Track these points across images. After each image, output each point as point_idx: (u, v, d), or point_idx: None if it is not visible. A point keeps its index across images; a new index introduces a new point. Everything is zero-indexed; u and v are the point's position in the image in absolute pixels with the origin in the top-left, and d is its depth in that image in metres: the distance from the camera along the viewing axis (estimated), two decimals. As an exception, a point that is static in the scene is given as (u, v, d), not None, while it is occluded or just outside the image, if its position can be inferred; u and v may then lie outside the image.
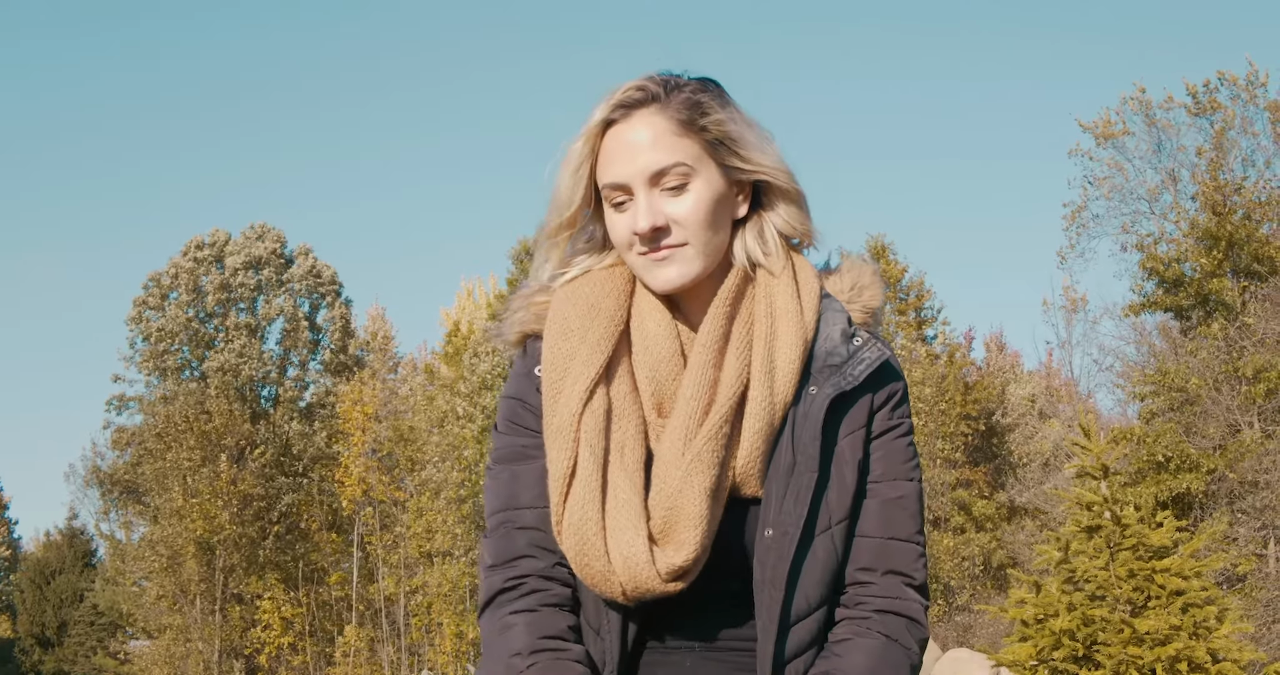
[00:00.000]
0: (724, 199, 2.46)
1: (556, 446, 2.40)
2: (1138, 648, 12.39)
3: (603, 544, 2.34)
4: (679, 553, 2.32)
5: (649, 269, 2.45)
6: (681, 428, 2.38)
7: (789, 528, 2.39)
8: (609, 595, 2.36)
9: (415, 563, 43.44)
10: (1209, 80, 33.45)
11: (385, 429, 43.50)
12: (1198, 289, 32.11)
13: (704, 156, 2.44)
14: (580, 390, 2.41)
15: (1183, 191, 33.81)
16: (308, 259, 51.83)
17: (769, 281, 2.51)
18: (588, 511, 2.34)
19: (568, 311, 2.50)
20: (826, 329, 2.49)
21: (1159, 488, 27.95)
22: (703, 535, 2.33)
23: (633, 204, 2.44)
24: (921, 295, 43.06)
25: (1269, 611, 25.51)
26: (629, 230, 2.44)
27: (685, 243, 2.42)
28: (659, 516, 2.34)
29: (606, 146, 2.46)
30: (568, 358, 2.45)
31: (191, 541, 43.56)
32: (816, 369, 2.46)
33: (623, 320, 2.49)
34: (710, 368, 2.42)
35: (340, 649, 44.06)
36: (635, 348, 2.48)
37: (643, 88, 2.46)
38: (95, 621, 55.64)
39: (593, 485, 2.36)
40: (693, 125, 2.43)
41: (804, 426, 2.43)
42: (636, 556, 2.31)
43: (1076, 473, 14.07)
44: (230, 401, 46.49)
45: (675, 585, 2.34)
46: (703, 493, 2.33)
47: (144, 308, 50.09)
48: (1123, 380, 34.45)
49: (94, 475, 53.52)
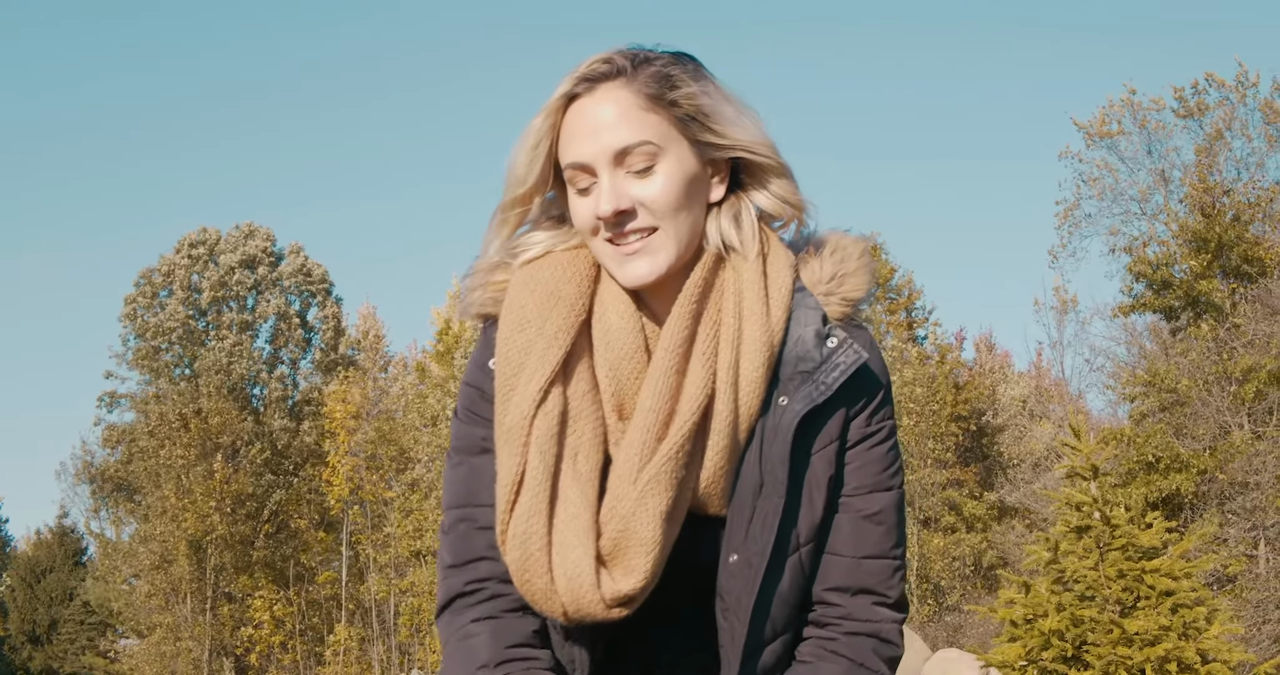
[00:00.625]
0: (697, 180, 2.28)
1: (506, 450, 2.23)
2: (1127, 648, 12.40)
3: (546, 560, 2.18)
4: (627, 579, 2.17)
5: (616, 261, 2.27)
6: (639, 443, 2.21)
7: (753, 557, 2.26)
8: (549, 614, 2.21)
9: (405, 562, 43.41)
10: (1196, 82, 33.51)
11: (370, 429, 43.45)
12: (1187, 290, 32.16)
13: (674, 133, 2.26)
14: (534, 390, 2.22)
15: (1173, 193, 33.87)
16: (298, 257, 51.84)
17: (738, 274, 2.31)
18: (533, 524, 2.18)
19: (525, 299, 2.31)
20: (798, 329, 2.30)
21: (1149, 488, 28.01)
22: (654, 562, 2.18)
23: (597, 186, 2.26)
24: (912, 295, 43.10)
25: (1259, 612, 25.55)
26: (592, 214, 2.26)
27: (654, 227, 2.25)
28: (610, 535, 2.19)
29: (568, 123, 2.28)
30: (523, 352, 2.27)
31: (183, 540, 43.53)
32: (786, 375, 2.28)
33: (584, 309, 2.30)
34: (673, 374, 2.23)
35: (330, 648, 44.03)
36: (596, 342, 2.29)
37: (609, 60, 2.28)
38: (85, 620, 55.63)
39: (541, 495, 2.19)
40: (661, 99, 2.25)
41: (773, 444, 2.26)
42: (581, 577, 2.15)
43: (1066, 473, 14.09)
44: (225, 400, 46.46)
45: (618, 612, 2.19)
46: (657, 516, 2.17)
47: (136, 304, 50.07)
48: (1113, 381, 34.49)
49: (85, 473, 53.46)
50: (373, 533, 43.87)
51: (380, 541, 43.70)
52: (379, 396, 45.75)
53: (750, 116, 2.33)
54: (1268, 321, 29.52)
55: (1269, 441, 28.48)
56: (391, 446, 42.96)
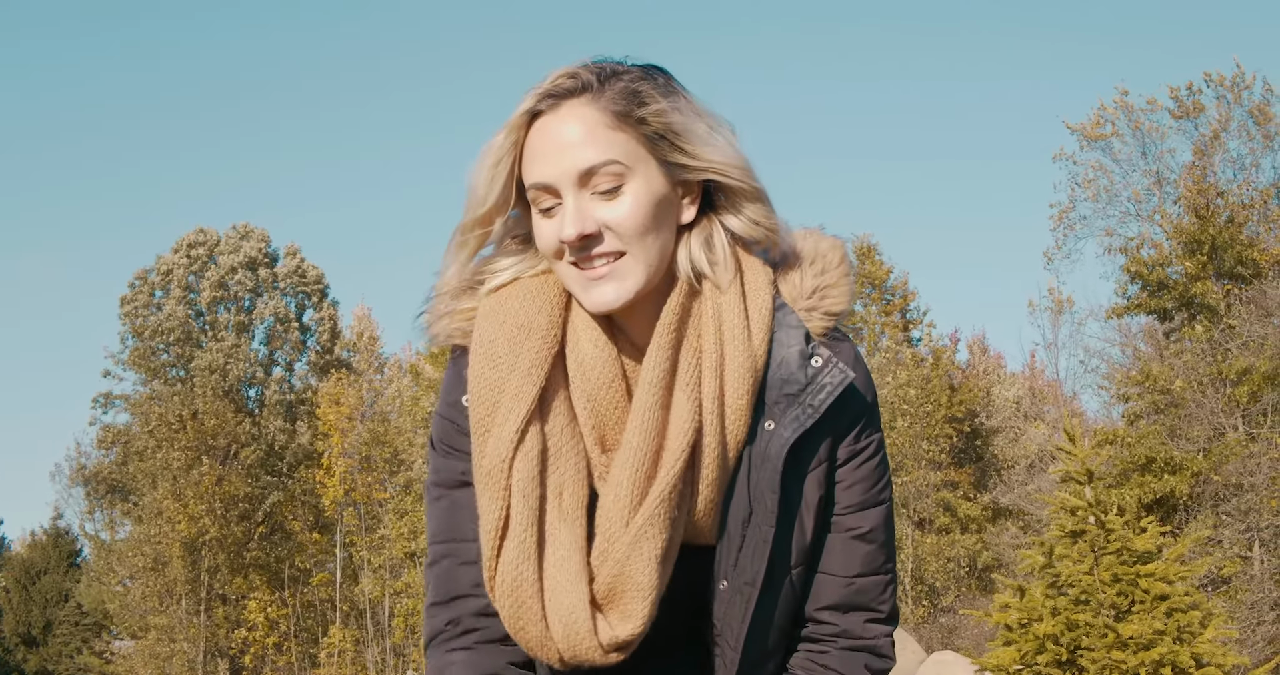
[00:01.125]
0: (666, 202, 2.18)
1: (486, 494, 2.15)
2: (1121, 652, 12.41)
3: (540, 607, 2.12)
4: (624, 624, 2.13)
5: (582, 286, 2.17)
6: (628, 483, 2.13)
7: (744, 585, 2.22)
8: (546, 661, 2.16)
9: (399, 563, 43.42)
10: (1192, 83, 33.57)
11: (364, 430, 43.45)
12: (1182, 292, 32.19)
13: (642, 153, 2.15)
14: (510, 431, 2.14)
15: (1168, 195, 33.92)
16: (294, 259, 51.84)
17: (716, 298, 2.22)
18: (523, 571, 2.12)
19: (495, 334, 2.21)
20: (780, 351, 2.22)
21: (1143, 490, 28.04)
22: (651, 606, 2.13)
23: (561, 208, 2.16)
24: (907, 296, 43.12)
25: (1254, 613, 25.59)
26: (555, 237, 2.16)
27: (621, 252, 2.14)
28: (604, 579, 2.13)
29: (531, 141, 2.18)
30: (496, 389, 2.18)
31: (177, 542, 43.52)
32: (771, 400, 2.21)
33: (556, 340, 2.20)
34: (658, 408, 2.15)
35: (325, 649, 44.02)
36: (571, 373, 2.20)
37: (575, 75, 2.18)
38: (80, 621, 55.54)
39: (528, 540, 2.13)
40: (629, 117, 2.14)
41: (761, 472, 2.19)
42: (577, 624, 2.10)
43: (1061, 477, 14.10)
44: (220, 401, 46.45)
45: (615, 656, 2.14)
46: (653, 560, 2.12)
47: (135, 305, 50.07)
48: (1107, 382, 34.53)
49: (79, 474, 53.41)
50: (367, 534, 43.87)
51: (374, 543, 43.70)
52: (373, 398, 45.75)
53: (724, 135, 2.22)
54: (1262, 323, 29.57)
55: (1263, 443, 28.51)
56: (386, 448, 42.96)
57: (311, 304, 51.81)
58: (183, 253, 50.61)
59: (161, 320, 49.57)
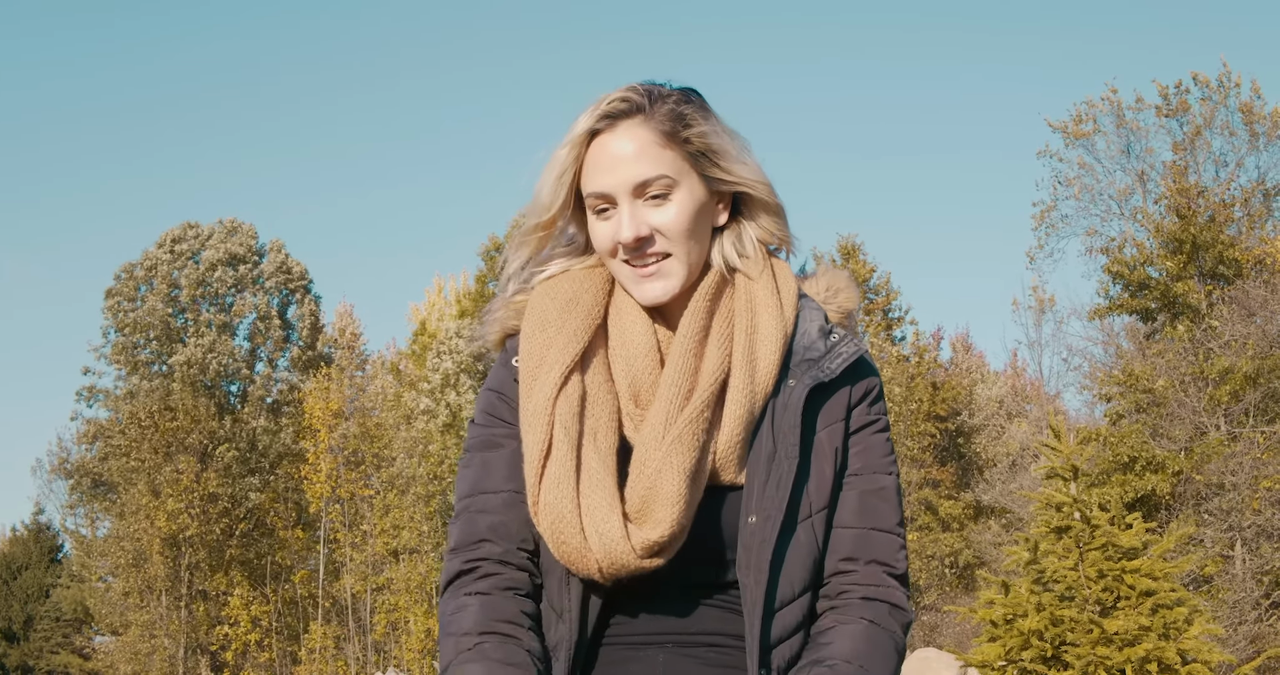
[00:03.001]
0: (705, 208, 2.51)
1: (532, 430, 2.42)
2: (1106, 648, 12.42)
3: (578, 521, 2.33)
4: (655, 529, 2.32)
5: (634, 282, 2.51)
6: (663, 412, 2.40)
7: (771, 512, 2.40)
8: (585, 573, 2.36)
9: (382, 560, 43.39)
10: (1180, 82, 33.64)
11: (352, 426, 43.41)
12: (1163, 291, 32.27)
13: (686, 167, 2.48)
14: (556, 376, 2.43)
15: (1151, 193, 33.99)
16: (279, 255, 51.74)
17: (748, 282, 2.55)
18: (563, 490, 2.34)
19: (546, 305, 2.53)
20: (804, 325, 2.54)
21: (1125, 489, 28.07)
22: (680, 514, 2.33)
23: (616, 213, 2.48)
24: (889, 295, 43.18)
25: (1235, 612, 25.67)
26: (612, 240, 2.48)
27: (668, 253, 2.47)
28: (637, 497, 2.35)
29: (591, 156, 2.50)
30: (544, 347, 2.48)
31: (157, 538, 43.41)
32: (795, 363, 2.50)
33: (600, 315, 2.53)
34: (691, 357, 2.46)
35: (306, 646, 43.96)
36: (612, 342, 2.52)
37: (627, 99, 2.49)
38: (61, 617, 55.44)
39: (567, 464, 2.36)
40: (676, 137, 2.47)
41: (783, 416, 2.46)
42: (611, 532, 2.31)
43: (1046, 474, 14.11)
44: (196, 397, 46.32)
45: (653, 561, 2.34)
46: (682, 473, 2.34)
47: (118, 298, 49.93)
48: (1090, 381, 34.59)
49: (60, 469, 53.28)
50: (350, 531, 43.80)
51: (357, 540, 43.64)
52: (356, 394, 45.70)
53: (750, 155, 2.56)
54: (1244, 323, 29.66)
55: (1245, 442, 28.60)
56: (374, 443, 42.93)
57: (295, 300, 51.70)
58: (166, 247, 50.47)
59: (142, 315, 49.43)
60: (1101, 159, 34.64)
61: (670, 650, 2.44)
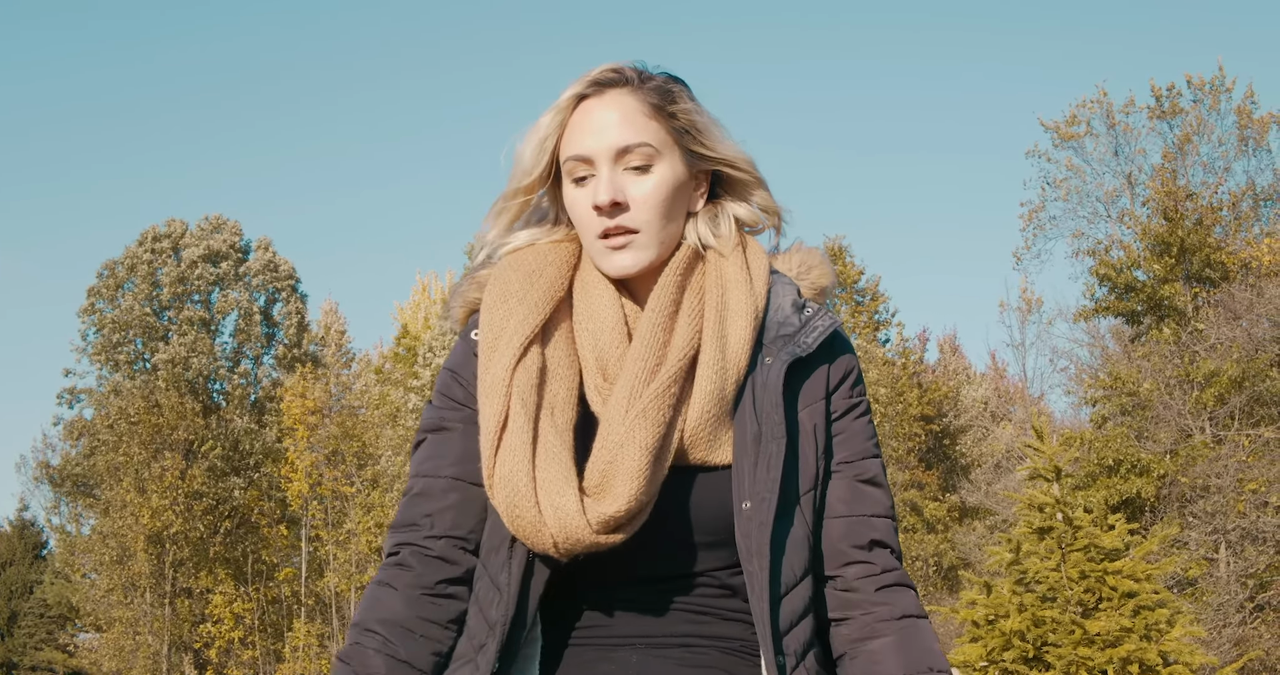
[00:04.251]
0: (683, 187, 2.49)
1: (489, 401, 2.38)
2: (1088, 649, 12.45)
3: (533, 495, 2.28)
4: (613, 504, 2.26)
5: (604, 253, 2.46)
6: (628, 387, 2.36)
7: (765, 496, 2.34)
8: (541, 548, 2.30)
9: (365, 558, 43.37)
10: (1173, 84, 33.68)
11: (332, 424, 43.37)
12: (1150, 294, 32.31)
13: (670, 142, 2.47)
14: (515, 347, 2.39)
15: (1139, 196, 34.03)
16: (266, 252, 51.67)
17: (718, 259, 2.51)
18: (519, 462, 2.30)
19: (509, 277, 2.49)
20: (777, 300, 2.50)
21: (1109, 492, 28.11)
22: (639, 489, 2.27)
23: (594, 179, 2.45)
24: (876, 298, 43.22)
25: (1220, 615, 25.70)
26: (589, 202, 2.45)
27: (638, 230, 2.44)
28: (597, 472, 2.30)
29: (575, 120, 2.48)
30: (504, 318, 2.44)
31: (141, 535, 43.37)
32: (769, 339, 2.45)
33: (564, 288, 2.50)
34: (660, 332, 2.41)
35: (290, 644, 43.94)
36: (578, 315, 2.48)
37: (617, 70, 2.50)
38: (45, 614, 55.40)
39: (524, 436, 2.32)
40: (662, 110, 2.47)
41: (764, 395, 2.40)
42: (567, 506, 2.25)
43: (1029, 475, 14.12)
44: (181, 395, 46.26)
45: (609, 538, 2.28)
46: (644, 448, 2.29)
47: (98, 297, 49.86)
48: (1075, 383, 34.64)
49: (44, 468, 53.20)
50: (333, 529, 43.78)
51: (340, 538, 43.62)
52: (341, 392, 45.68)
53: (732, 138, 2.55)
54: (1230, 326, 29.70)
55: (1230, 446, 28.64)
56: (355, 442, 42.89)
57: (281, 298, 51.62)
58: (148, 244, 50.37)
59: (122, 313, 49.34)
60: (1090, 161, 34.69)
61: (642, 650, 2.39)
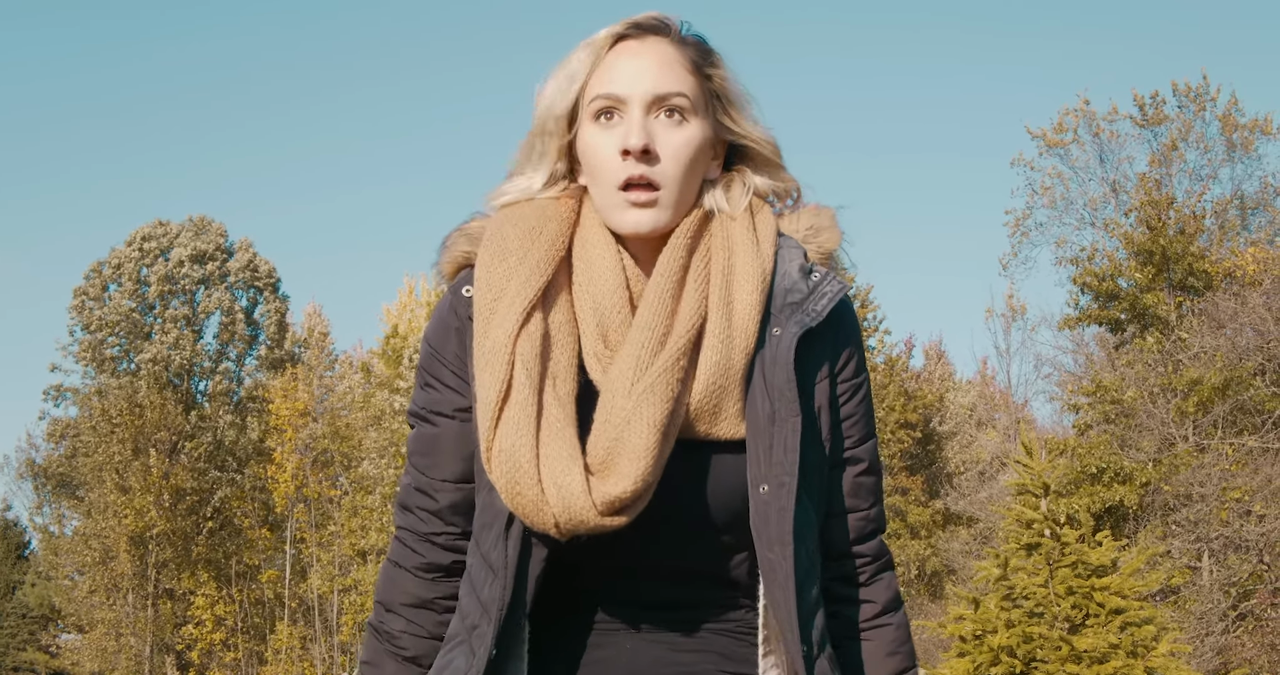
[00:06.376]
0: (705, 150, 2.36)
1: (489, 370, 2.24)
2: (1076, 665, 12.50)
3: (536, 472, 2.17)
4: (618, 484, 2.15)
5: (622, 208, 2.32)
6: (633, 357, 2.24)
7: (785, 478, 2.25)
8: (541, 528, 2.19)
9: (349, 561, 43.33)
10: (1157, 92, 33.77)
11: (321, 426, 43.35)
12: (1133, 303, 32.39)
13: (703, 103, 2.36)
14: (518, 311, 2.26)
15: (1123, 204, 34.11)
16: (247, 253, 51.63)
17: (726, 221, 2.39)
18: (522, 437, 2.18)
19: (507, 232, 2.35)
20: (784, 265, 2.37)
21: (1092, 499, 28.15)
22: (647, 469, 2.16)
23: (622, 123, 2.32)
24: (866, 305, 43.27)
25: (1202, 624, 25.78)
26: (617, 148, 2.31)
27: (662, 186, 2.31)
28: (601, 449, 2.19)
29: (610, 60, 2.34)
30: (504, 278, 2.30)
31: (124, 536, 43.30)
32: (777, 308, 2.34)
33: (564, 247, 2.35)
34: (669, 299, 2.29)
35: (273, 646, 43.89)
36: (578, 277, 2.34)
37: (661, 18, 2.38)
38: (27, 614, 55.25)
39: (528, 409, 2.20)
40: (701, 69, 2.36)
41: (775, 371, 2.29)
42: (571, 486, 2.14)
43: (1017, 491, 14.17)
44: (163, 394, 46.18)
45: (614, 520, 2.17)
46: (651, 425, 2.18)
47: (85, 297, 49.80)
48: (1059, 390, 34.71)
49: (28, 468, 53.08)
50: (317, 531, 43.75)
51: (324, 540, 43.59)
52: (324, 394, 45.64)
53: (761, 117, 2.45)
54: (1213, 335, 29.79)
55: (1213, 454, 28.74)
56: (343, 444, 42.87)
57: (263, 298, 51.58)
58: (136, 245, 50.32)
59: (108, 313, 49.29)
60: (1076, 168, 34.76)
61: (637, 637, 2.33)
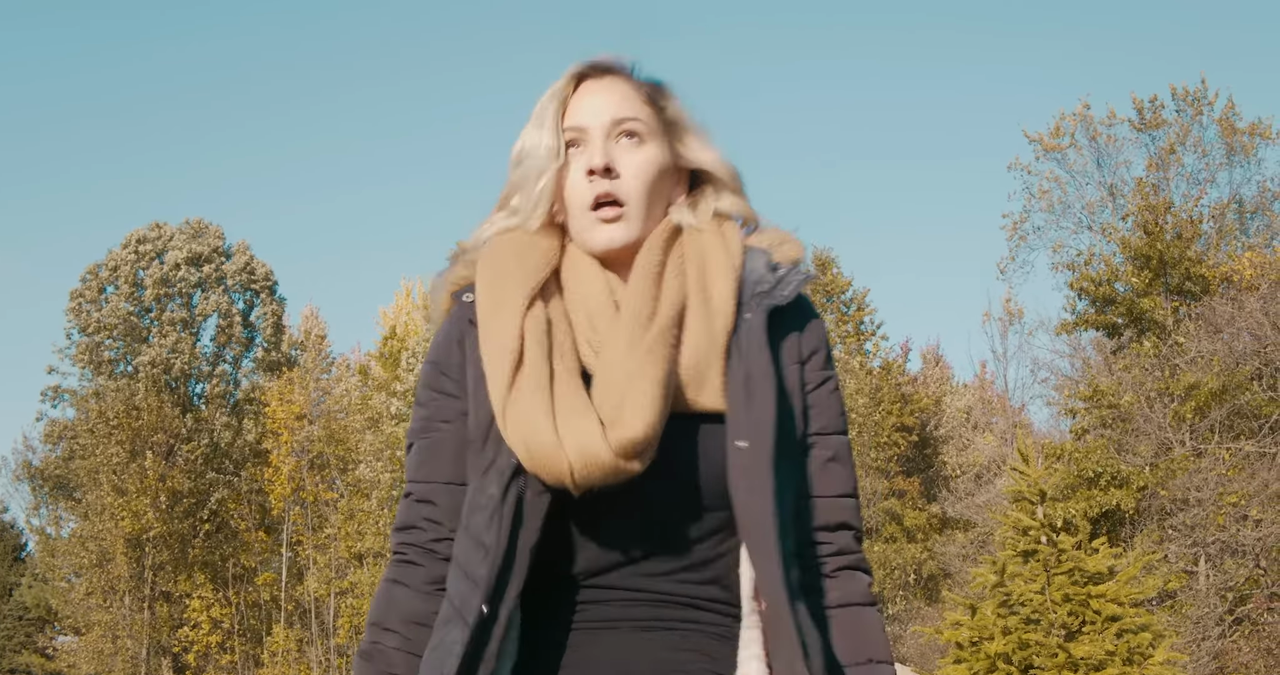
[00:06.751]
0: (666, 171, 2.57)
1: (498, 346, 2.41)
2: (1072, 673, 12.51)
3: (551, 422, 2.30)
4: (630, 428, 2.27)
5: (593, 227, 2.52)
6: (628, 329, 2.40)
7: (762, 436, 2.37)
8: (557, 478, 2.29)
9: (345, 564, 43.32)
10: (1155, 96, 33.79)
11: (317, 428, 43.34)
12: (1130, 307, 32.42)
13: (659, 129, 2.57)
14: (521, 297, 2.44)
15: (1121, 208, 34.14)
16: (244, 256, 51.63)
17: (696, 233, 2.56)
18: (537, 396, 2.33)
19: (503, 251, 2.53)
20: (752, 264, 2.53)
21: (1089, 504, 28.18)
22: (655, 415, 2.30)
23: (587, 150, 2.54)
24: (862, 308, 43.28)
25: (1199, 628, 25.80)
26: (582, 169, 2.52)
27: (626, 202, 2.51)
28: (609, 406, 2.32)
29: (575, 99, 2.58)
30: (504, 278, 2.48)
31: (120, 538, 43.29)
32: (748, 298, 2.48)
33: (554, 262, 2.53)
34: (651, 284, 2.46)
35: (269, 649, 43.88)
36: (567, 286, 2.51)
37: (615, 59, 2.61)
38: (23, 616, 55.21)
39: (541, 374, 2.36)
40: (655, 101, 2.58)
41: (748, 343, 2.43)
42: (588, 430, 2.28)
43: (1014, 497, 14.18)
44: (160, 397, 46.17)
45: (628, 464, 2.28)
46: (654, 381, 2.33)
47: (82, 300, 49.79)
48: (1056, 394, 34.74)
49: (25, 469, 53.06)
50: (314, 534, 43.74)
51: (321, 543, 43.58)
52: (321, 397, 45.63)
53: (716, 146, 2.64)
54: (1210, 339, 29.82)
55: (1210, 459, 28.76)
56: (340, 446, 42.86)
57: (259, 301, 51.58)
58: (132, 247, 50.33)
59: (105, 315, 49.29)
60: (1073, 172, 34.80)
61: (626, 632, 2.38)
